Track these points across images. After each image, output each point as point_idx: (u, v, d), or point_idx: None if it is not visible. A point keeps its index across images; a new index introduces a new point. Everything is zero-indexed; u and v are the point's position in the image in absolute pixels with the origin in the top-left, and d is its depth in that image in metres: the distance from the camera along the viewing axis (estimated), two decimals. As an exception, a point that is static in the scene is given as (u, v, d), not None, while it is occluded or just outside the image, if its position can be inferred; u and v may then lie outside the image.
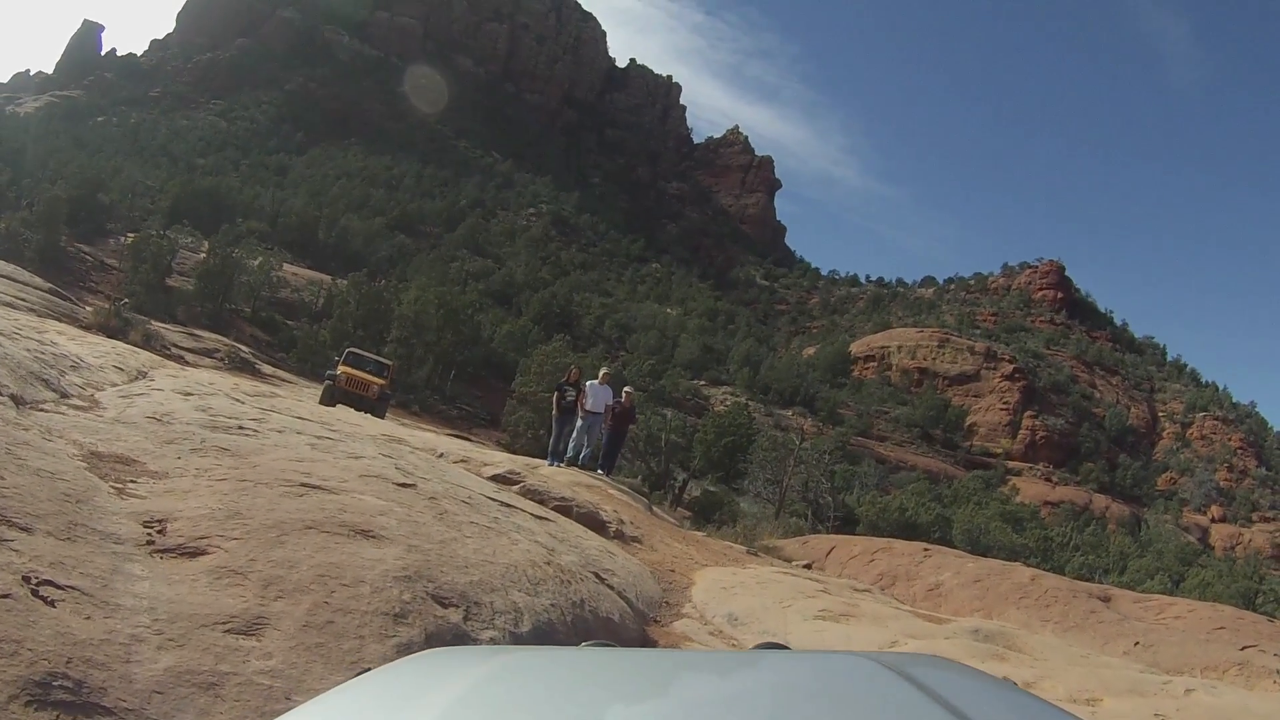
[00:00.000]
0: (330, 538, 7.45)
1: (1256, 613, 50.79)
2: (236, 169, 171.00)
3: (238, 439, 10.79)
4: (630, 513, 18.08)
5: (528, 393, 58.27)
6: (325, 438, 12.43)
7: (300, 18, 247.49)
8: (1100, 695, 10.09)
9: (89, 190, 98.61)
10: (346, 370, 39.36)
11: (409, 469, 11.48)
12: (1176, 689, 10.55)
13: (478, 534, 9.33)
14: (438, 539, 8.44)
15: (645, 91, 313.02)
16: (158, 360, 26.77)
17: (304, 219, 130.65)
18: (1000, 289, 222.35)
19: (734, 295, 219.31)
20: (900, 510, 54.40)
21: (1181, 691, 10.45)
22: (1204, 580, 56.30)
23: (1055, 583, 19.87)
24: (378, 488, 9.56)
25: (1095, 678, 10.63)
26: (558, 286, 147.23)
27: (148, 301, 70.18)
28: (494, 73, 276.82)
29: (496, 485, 14.82)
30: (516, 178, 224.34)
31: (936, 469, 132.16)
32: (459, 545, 8.61)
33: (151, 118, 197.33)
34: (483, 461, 18.59)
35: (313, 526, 7.54)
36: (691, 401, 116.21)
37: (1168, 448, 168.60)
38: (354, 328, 76.33)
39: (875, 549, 23.94)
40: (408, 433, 25.30)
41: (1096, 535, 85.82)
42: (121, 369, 18.05)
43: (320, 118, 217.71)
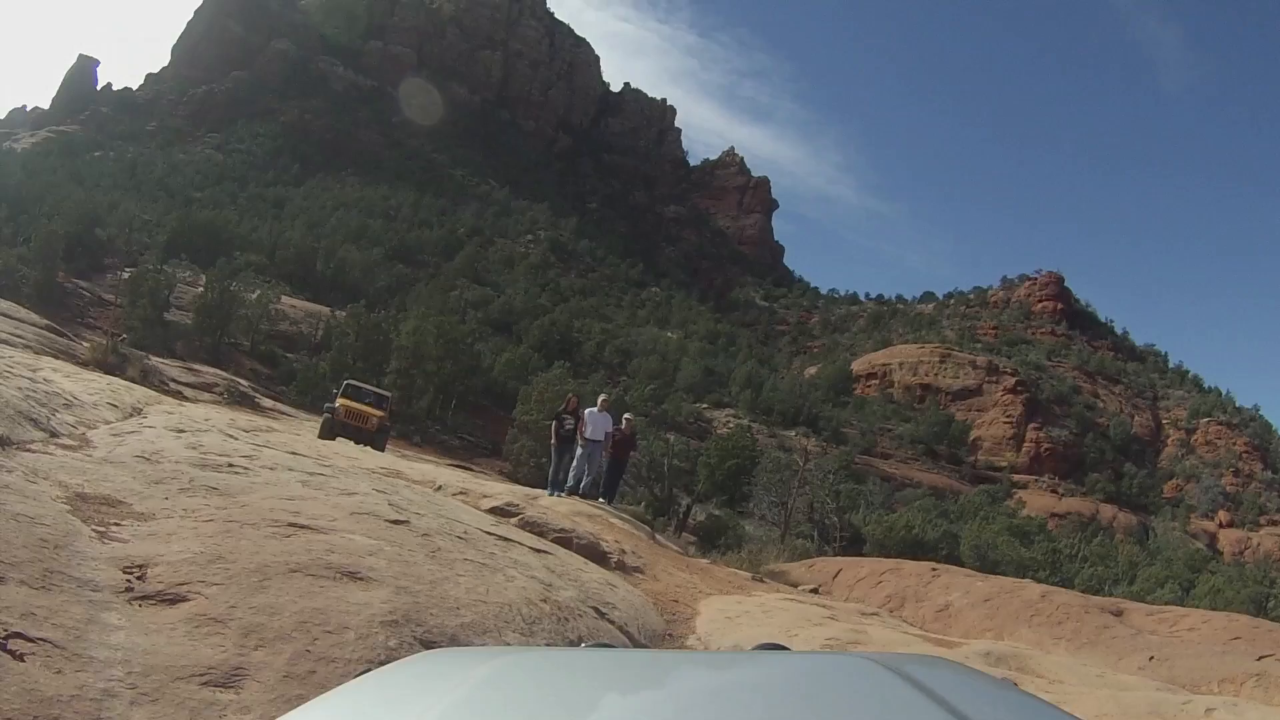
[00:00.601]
0: (315, 581, 7.19)
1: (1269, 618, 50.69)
2: (234, 202, 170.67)
3: (227, 477, 10.58)
4: (632, 542, 17.76)
5: (529, 421, 58.00)
6: (318, 474, 12.17)
7: (294, 49, 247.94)
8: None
9: (86, 225, 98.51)
10: (345, 403, 39.14)
11: (403, 505, 11.23)
12: (1197, 709, 10.26)
13: (472, 572, 9.05)
14: (429, 579, 8.15)
15: (640, 115, 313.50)
16: (154, 396, 26.66)
17: (302, 251, 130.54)
18: (1000, 302, 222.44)
19: (734, 317, 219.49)
20: (907, 528, 53.98)
21: (1202, 712, 10.17)
22: (1214, 587, 55.89)
23: (1066, 599, 19.57)
24: (368, 526, 9.30)
25: (1114, 701, 10.33)
26: (557, 313, 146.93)
27: (146, 336, 70.06)
28: (489, 100, 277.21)
29: (494, 518, 14.55)
30: (514, 205, 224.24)
31: (942, 485, 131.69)
32: (451, 585, 8.32)
33: (148, 152, 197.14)
34: (482, 493, 18.32)
35: (298, 569, 7.28)
36: (694, 425, 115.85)
37: (1172, 455, 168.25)
38: (353, 359, 76.17)
39: (883, 570, 23.64)
40: (407, 465, 25.08)
41: (1104, 546, 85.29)
42: (116, 406, 17.94)
43: (316, 148, 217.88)
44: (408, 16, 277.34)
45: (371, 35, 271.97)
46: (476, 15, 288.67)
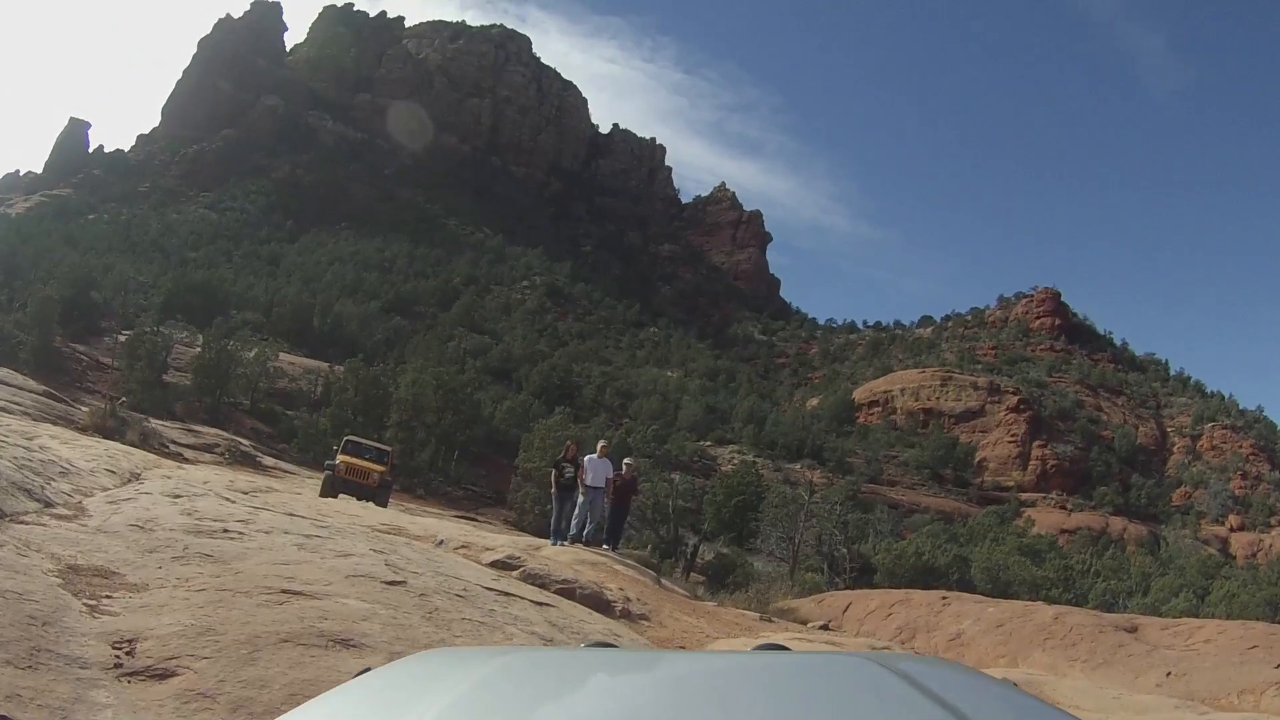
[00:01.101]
0: (306, 651, 7.05)
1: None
2: (229, 260, 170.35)
3: (222, 544, 10.47)
4: (637, 588, 17.58)
5: (531, 468, 57.78)
6: (315, 536, 12.03)
7: (283, 105, 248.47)
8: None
9: (81, 289, 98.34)
10: (345, 459, 38.88)
11: (400, 564, 11.08)
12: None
13: (470, 631, 8.90)
14: (424, 642, 7.99)
15: (630, 155, 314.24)
16: (153, 460, 26.54)
17: (298, 307, 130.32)
18: (998, 321, 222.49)
19: (733, 352, 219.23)
20: (917, 555, 53.86)
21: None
22: (1229, 592, 55.74)
23: (1080, 619, 19.38)
24: (364, 588, 9.16)
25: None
26: (556, 358, 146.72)
27: (145, 399, 69.86)
28: (479, 148, 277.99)
29: (495, 572, 14.38)
30: (508, 251, 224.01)
31: (950, 508, 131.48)
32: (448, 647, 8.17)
33: (142, 213, 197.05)
34: (483, 546, 18.14)
35: (289, 639, 7.13)
36: (699, 463, 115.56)
37: (1179, 462, 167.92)
38: (354, 414, 75.97)
39: (893, 601, 23.44)
40: (409, 520, 24.88)
41: (1116, 559, 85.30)
42: (114, 472, 17.84)
43: (309, 203, 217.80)
44: (395, 68, 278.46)
45: (359, 88, 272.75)
46: (463, 64, 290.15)
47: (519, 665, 2.59)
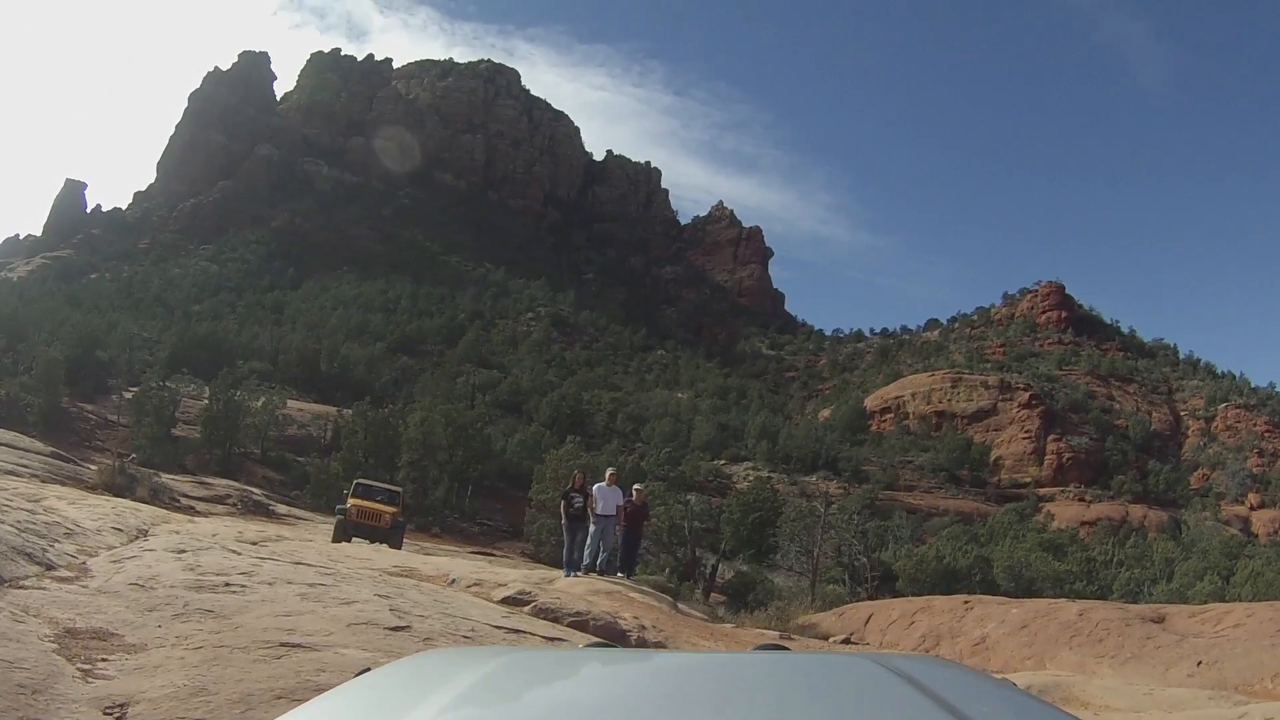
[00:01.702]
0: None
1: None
2: (233, 311, 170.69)
3: (223, 598, 10.31)
4: (653, 615, 17.34)
5: (545, 500, 57.57)
6: (318, 584, 11.85)
7: (277, 153, 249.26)
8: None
9: (86, 348, 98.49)
10: (356, 503, 38.57)
11: (406, 608, 10.89)
12: (1254, 719, 9.86)
13: None
14: None
15: (626, 181, 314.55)
16: (162, 515, 26.39)
17: (304, 353, 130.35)
18: (1004, 319, 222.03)
19: (742, 369, 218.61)
20: (938, 559, 53.64)
21: (1261, 718, 9.77)
22: (1254, 571, 55.50)
23: (1105, 613, 19.08)
24: (365, 637, 8.95)
25: None
26: (566, 387, 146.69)
27: (155, 454, 69.91)
28: (475, 183, 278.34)
29: (506, 609, 14.18)
30: (511, 285, 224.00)
31: (969, 509, 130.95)
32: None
33: (143, 269, 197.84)
34: (496, 582, 17.94)
35: (283, 695, 6.92)
36: (714, 483, 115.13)
37: (1195, 445, 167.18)
38: (364, 457, 75.83)
39: (914, 610, 23.15)
40: (422, 560, 24.74)
41: (1138, 547, 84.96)
42: (120, 529, 17.73)
43: (310, 250, 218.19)
44: (386, 109, 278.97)
45: (353, 131, 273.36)
46: (454, 101, 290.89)
47: (519, 664, 2.61)
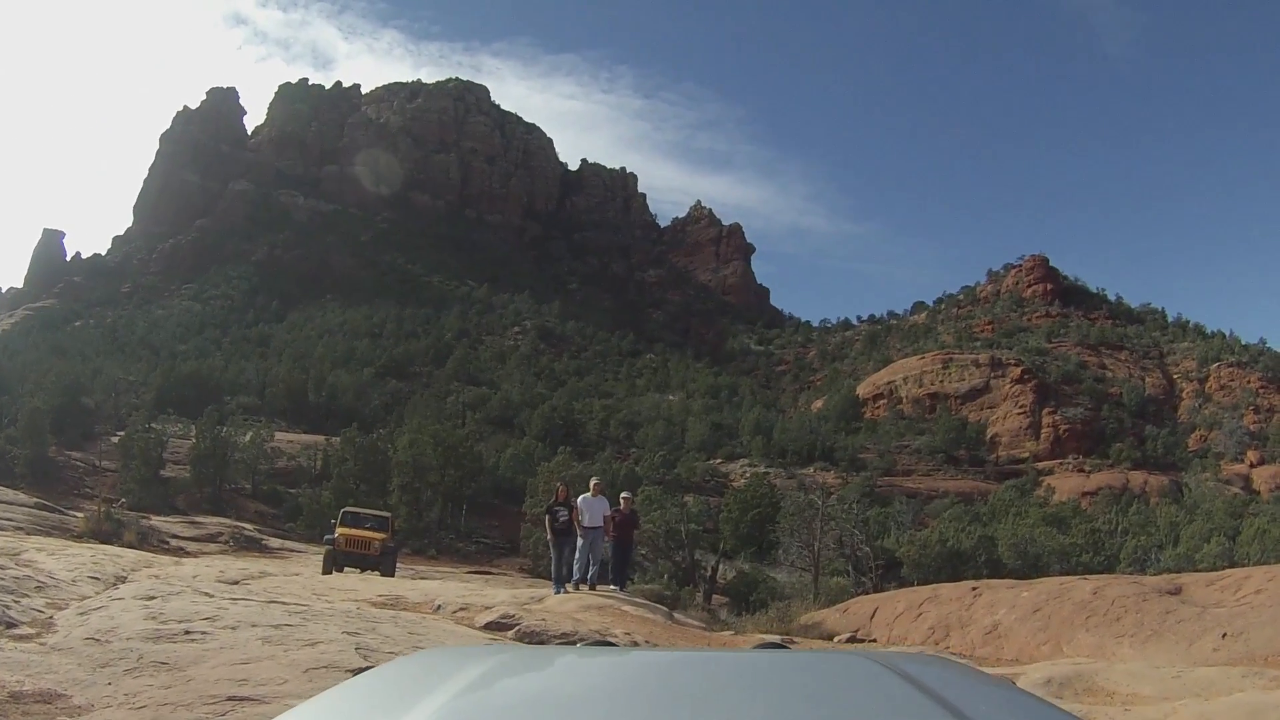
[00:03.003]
0: (234, 773, 6.15)
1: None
2: (219, 348, 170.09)
3: (180, 648, 9.72)
4: (646, 628, 16.67)
5: (539, 513, 56.93)
6: (285, 625, 11.21)
7: (252, 188, 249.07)
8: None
9: (71, 397, 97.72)
10: (345, 532, 37.89)
11: (374, 645, 10.25)
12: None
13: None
14: None
15: (603, 188, 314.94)
16: (146, 559, 25.92)
17: (290, 384, 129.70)
18: (990, 296, 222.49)
19: (732, 367, 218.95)
20: (941, 541, 53.05)
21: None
22: (1260, 528, 55.22)
23: (1120, 589, 18.41)
24: (321, 684, 8.31)
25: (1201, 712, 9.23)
26: (556, 399, 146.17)
27: (144, 497, 69.46)
28: (452, 202, 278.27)
29: (489, 635, 13.51)
30: (495, 300, 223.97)
31: (969, 489, 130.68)
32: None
33: (127, 313, 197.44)
34: (482, 605, 17.35)
35: (220, 759, 6.24)
36: (711, 483, 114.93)
37: (1190, 407, 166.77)
38: (355, 484, 75.28)
39: (921, 600, 22.47)
40: (411, 586, 24.17)
41: (1142, 513, 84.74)
42: (98, 578, 17.50)
43: (292, 281, 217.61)
44: (358, 135, 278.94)
45: (326, 160, 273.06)
46: (425, 121, 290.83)
47: (519, 663, 2.61)
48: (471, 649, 3.02)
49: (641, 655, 3.21)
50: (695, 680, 2.45)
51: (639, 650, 3.10)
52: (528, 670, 2.57)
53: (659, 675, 2.56)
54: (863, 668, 2.40)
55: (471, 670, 2.34)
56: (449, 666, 2.46)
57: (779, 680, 2.35)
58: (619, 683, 2.49)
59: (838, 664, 2.58)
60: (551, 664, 2.73)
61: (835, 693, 2.24)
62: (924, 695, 2.07)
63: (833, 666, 2.54)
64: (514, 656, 2.67)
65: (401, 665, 2.56)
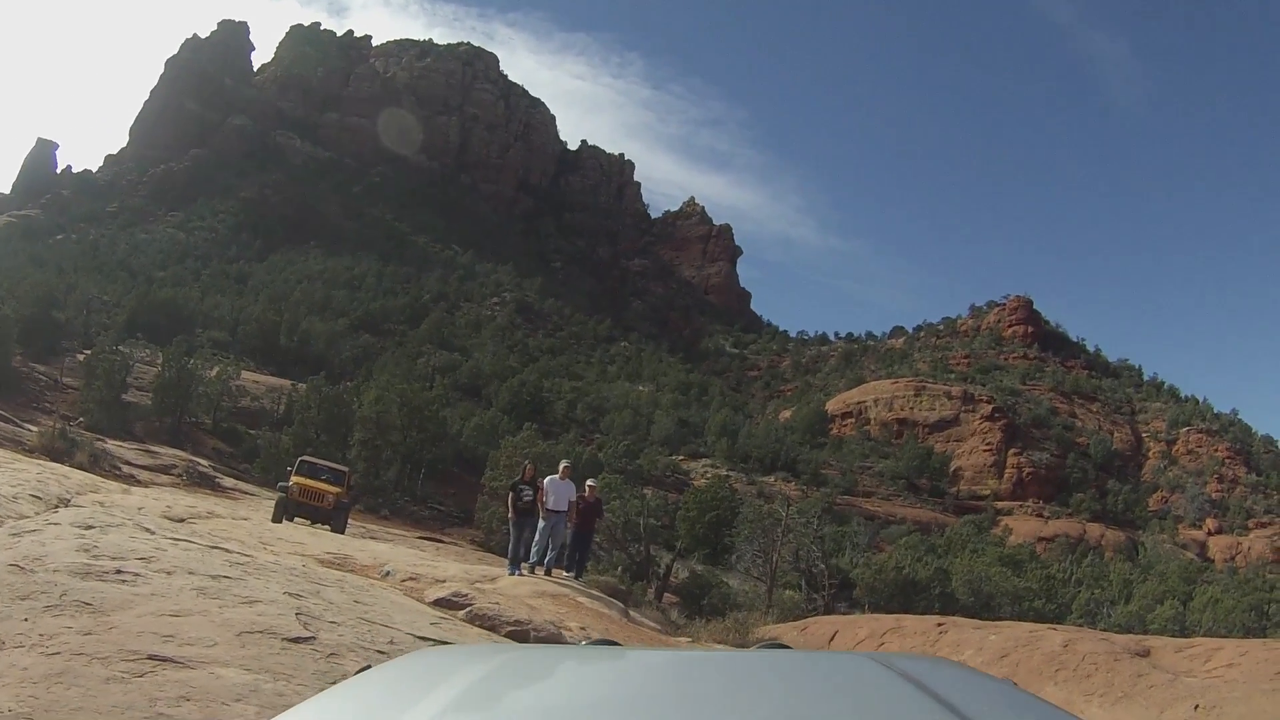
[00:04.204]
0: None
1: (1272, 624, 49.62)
2: (197, 279, 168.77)
3: (109, 588, 8.89)
4: (602, 624, 15.96)
5: (498, 487, 56.08)
6: (223, 577, 10.38)
7: (251, 124, 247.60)
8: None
9: (42, 308, 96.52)
10: (299, 481, 36.98)
11: (316, 612, 9.43)
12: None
13: None
14: None
15: (599, 172, 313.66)
16: (94, 483, 25.18)
17: (264, 325, 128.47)
18: (970, 330, 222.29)
19: (705, 366, 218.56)
20: (897, 569, 52.54)
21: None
22: (1212, 597, 55.18)
23: (1091, 646, 17.86)
24: (254, 651, 7.47)
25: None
26: (526, 374, 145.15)
27: (103, 419, 68.50)
28: (448, 166, 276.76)
29: (439, 613, 12.76)
30: (478, 268, 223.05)
31: (926, 518, 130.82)
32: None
33: (109, 233, 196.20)
34: (433, 578, 16.54)
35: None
36: (671, 478, 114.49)
37: (1155, 467, 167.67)
38: (316, 433, 74.31)
39: (884, 630, 21.88)
40: (360, 546, 23.29)
41: (1096, 566, 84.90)
42: (40, 498, 16.74)
43: (278, 223, 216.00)
44: (362, 86, 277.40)
45: (327, 107, 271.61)
46: (431, 82, 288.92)
47: (520, 663, 2.59)
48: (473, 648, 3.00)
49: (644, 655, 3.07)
50: (699, 680, 2.43)
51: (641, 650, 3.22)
52: (530, 671, 2.52)
53: (662, 676, 2.51)
54: (866, 668, 2.40)
55: (473, 671, 2.33)
56: (450, 667, 2.44)
57: (783, 680, 2.35)
58: (622, 683, 2.45)
59: (841, 664, 2.57)
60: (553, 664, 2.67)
61: (839, 693, 2.26)
62: (926, 695, 2.09)
63: (836, 667, 2.54)
64: (516, 657, 2.64)
65: (402, 665, 2.51)
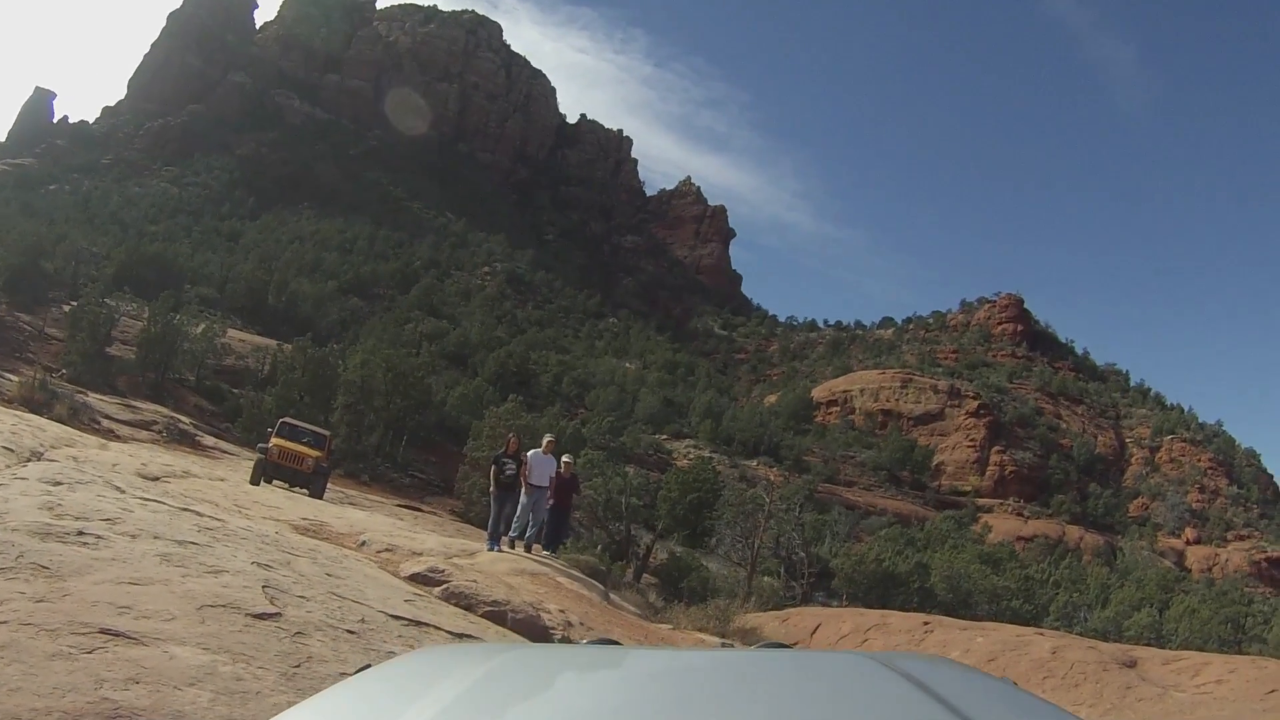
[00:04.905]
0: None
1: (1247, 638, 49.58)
2: (189, 235, 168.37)
3: (69, 550, 8.40)
4: (582, 607, 15.48)
5: (480, 458, 55.58)
6: (190, 543, 9.87)
7: (251, 82, 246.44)
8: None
9: (30, 258, 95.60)
10: (279, 443, 36.39)
11: (285, 585, 8.95)
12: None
13: None
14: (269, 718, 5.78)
15: (597, 146, 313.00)
16: (71, 437, 24.75)
17: (253, 283, 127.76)
18: (960, 325, 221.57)
19: (693, 346, 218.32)
20: (877, 561, 52.22)
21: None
22: (1189, 607, 54.94)
23: (1080, 654, 17.56)
24: (215, 627, 6.99)
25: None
26: (514, 345, 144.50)
27: (86, 372, 67.78)
28: (446, 133, 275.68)
29: (413, 589, 12.25)
30: (470, 237, 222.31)
31: (907, 511, 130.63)
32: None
33: (103, 185, 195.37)
34: (410, 550, 16.08)
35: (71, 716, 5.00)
36: (654, 457, 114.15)
37: (1137, 473, 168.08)
38: (300, 395, 73.61)
39: (868, 626, 21.52)
40: (337, 513, 22.74)
41: (1074, 569, 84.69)
42: (10, 450, 16.29)
43: (272, 182, 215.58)
44: (365, 50, 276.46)
45: (328, 69, 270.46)
46: (433, 48, 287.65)
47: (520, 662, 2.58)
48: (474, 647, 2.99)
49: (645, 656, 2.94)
50: (701, 681, 2.43)
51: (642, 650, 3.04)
52: (530, 671, 2.51)
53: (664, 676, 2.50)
54: (866, 668, 2.42)
55: (474, 670, 2.34)
56: (451, 666, 2.44)
57: (785, 681, 2.36)
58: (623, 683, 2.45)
59: (841, 664, 2.56)
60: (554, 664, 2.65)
61: (841, 693, 2.26)
62: (926, 695, 2.11)
63: (838, 667, 2.53)
64: (516, 657, 2.61)
65: (403, 664, 2.54)
